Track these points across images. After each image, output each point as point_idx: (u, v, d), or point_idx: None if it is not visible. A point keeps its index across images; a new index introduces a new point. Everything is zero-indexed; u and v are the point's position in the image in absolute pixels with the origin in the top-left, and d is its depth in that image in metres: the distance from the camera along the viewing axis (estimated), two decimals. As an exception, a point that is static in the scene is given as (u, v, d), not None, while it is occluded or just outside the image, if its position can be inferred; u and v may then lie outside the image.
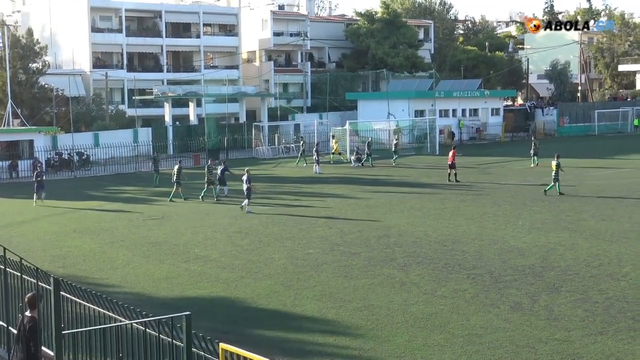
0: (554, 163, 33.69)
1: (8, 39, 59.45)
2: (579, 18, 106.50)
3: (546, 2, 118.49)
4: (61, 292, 10.15)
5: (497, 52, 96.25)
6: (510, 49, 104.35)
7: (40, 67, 63.69)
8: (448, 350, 14.01)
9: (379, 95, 75.29)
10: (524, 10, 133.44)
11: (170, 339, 9.38)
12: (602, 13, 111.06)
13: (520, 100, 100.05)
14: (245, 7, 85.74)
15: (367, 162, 49.93)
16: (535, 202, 31.79)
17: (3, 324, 13.10)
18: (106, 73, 67.21)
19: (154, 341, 9.61)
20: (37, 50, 63.40)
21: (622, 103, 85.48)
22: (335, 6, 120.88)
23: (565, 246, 22.60)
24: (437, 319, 15.84)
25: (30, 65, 62.83)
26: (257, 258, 22.28)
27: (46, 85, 64.01)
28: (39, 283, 12.14)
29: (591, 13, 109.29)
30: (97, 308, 10.89)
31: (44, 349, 11.24)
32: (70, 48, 74.25)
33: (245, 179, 31.29)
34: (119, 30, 75.31)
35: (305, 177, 44.62)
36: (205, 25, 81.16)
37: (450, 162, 39.68)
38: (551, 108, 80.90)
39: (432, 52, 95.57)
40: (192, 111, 68.66)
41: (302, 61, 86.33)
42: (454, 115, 72.48)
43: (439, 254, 21.97)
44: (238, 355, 8.88)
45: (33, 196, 36.06)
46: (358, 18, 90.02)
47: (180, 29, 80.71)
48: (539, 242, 23.25)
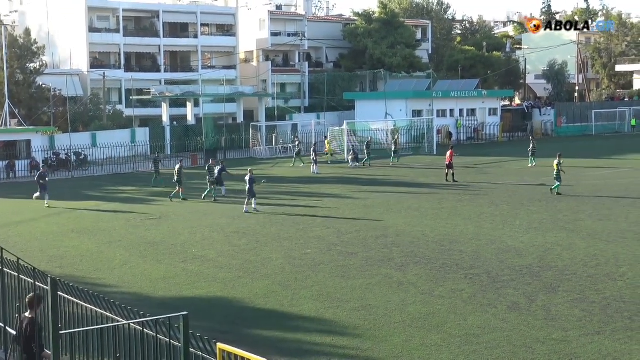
0: (556, 162, 33.69)
1: (5, 39, 59.38)
2: (577, 18, 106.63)
3: (544, 2, 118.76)
4: (58, 292, 10.14)
5: (494, 52, 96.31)
6: (507, 49, 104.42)
7: (38, 67, 63.69)
8: (445, 350, 14.01)
9: (377, 95, 75.34)
10: (522, 11, 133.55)
11: (167, 339, 9.37)
12: (600, 13, 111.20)
13: (517, 101, 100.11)
14: (242, 7, 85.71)
15: (366, 162, 49.98)
16: (532, 202, 31.82)
17: (0, 324, 13.07)
18: (104, 73, 67.17)
19: (152, 341, 9.61)
20: (35, 50, 63.39)
21: (620, 103, 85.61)
22: (333, 6, 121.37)
23: (562, 246, 22.61)
24: (435, 319, 15.85)
25: (27, 65, 62.84)
26: (255, 258, 22.28)
27: (44, 85, 63.98)
28: (37, 283, 12.11)
29: (589, 13, 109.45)
30: (94, 308, 10.88)
31: (45, 350, 11.22)
32: (67, 48, 74.20)
33: (249, 179, 31.30)
34: (117, 30, 75.27)
35: (303, 177, 44.63)
36: (202, 25, 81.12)
37: (447, 162, 39.70)
38: (549, 108, 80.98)
39: (430, 52, 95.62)
40: (189, 111, 68.64)
41: (299, 61, 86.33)
42: (452, 115, 72.55)
43: (437, 254, 21.98)
44: (235, 356, 8.87)
45: (33, 196, 35.99)
46: (356, 18, 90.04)
47: (178, 29, 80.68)
48: (537, 242, 23.27)
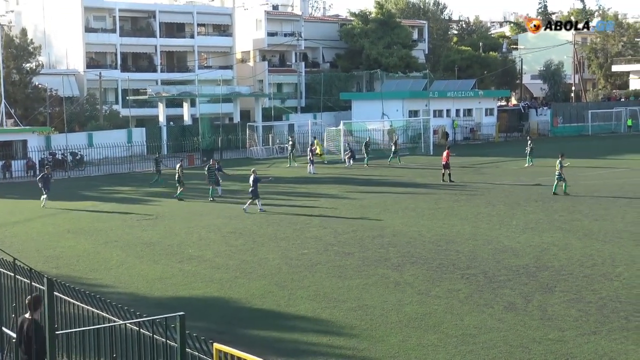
0: (558, 162, 33.66)
1: (2, 39, 59.32)
2: (573, 18, 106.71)
3: (540, 3, 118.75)
4: (55, 293, 10.13)
5: (491, 53, 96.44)
6: (504, 49, 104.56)
7: (34, 67, 63.62)
8: (442, 350, 14.02)
9: (373, 96, 75.35)
10: (518, 11, 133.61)
11: (164, 339, 9.37)
12: (596, 14, 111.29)
13: (514, 101, 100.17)
14: (239, 7, 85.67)
15: (365, 162, 49.82)
16: (529, 202, 31.84)
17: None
18: (100, 73, 67.09)
19: (148, 341, 9.60)
20: (31, 50, 63.32)
21: (616, 103, 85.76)
22: (330, 6, 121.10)
23: (558, 246, 22.64)
24: (431, 319, 15.86)
25: (23, 65, 62.77)
26: (251, 258, 22.27)
27: (40, 85, 63.92)
28: (33, 283, 12.10)
29: (585, 13, 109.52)
30: (90, 308, 10.87)
31: None
32: (64, 48, 74.13)
33: (252, 179, 31.30)
34: (113, 30, 75.18)
35: (299, 178, 44.62)
36: (199, 25, 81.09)
37: (444, 162, 39.72)
38: (545, 108, 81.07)
39: (426, 52, 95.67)
40: (186, 111, 68.60)
41: (296, 61, 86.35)
42: (448, 115, 72.61)
43: (433, 254, 21.99)
44: (232, 356, 8.87)
45: (43, 202, 34.61)
46: (352, 18, 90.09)
47: (174, 29, 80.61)
48: (533, 242, 23.29)
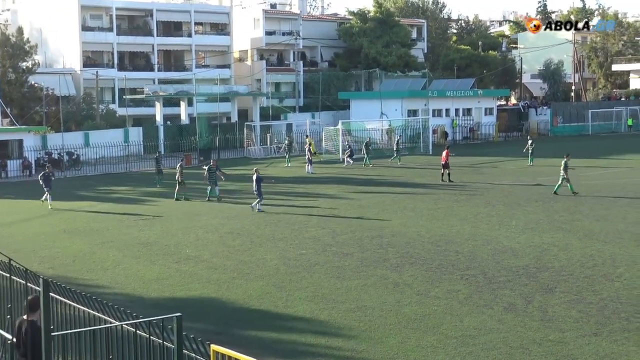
0: (563, 162, 33.60)
1: (-3, 38, 59.34)
2: (572, 17, 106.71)
3: (539, 2, 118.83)
4: (50, 294, 10.10)
5: (490, 52, 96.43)
6: (503, 49, 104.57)
7: (30, 66, 63.55)
8: (441, 351, 14.00)
9: (372, 95, 75.33)
10: (517, 10, 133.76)
11: (161, 341, 9.34)
12: (596, 13, 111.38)
13: (513, 100, 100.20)
14: (237, 6, 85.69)
15: (365, 162, 49.70)
16: (529, 202, 31.83)
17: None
18: (97, 72, 67.04)
19: (145, 343, 9.57)
20: (27, 49, 63.28)
21: (616, 103, 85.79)
22: (328, 5, 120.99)
23: (559, 247, 22.62)
24: (431, 320, 15.83)
25: (20, 64, 62.71)
26: (249, 259, 22.24)
27: (36, 85, 63.86)
28: (28, 284, 12.08)
29: (585, 12, 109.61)
30: (86, 309, 10.84)
31: None
32: (60, 47, 74.07)
33: (255, 178, 31.28)
34: (110, 29, 75.12)
35: (298, 177, 44.60)
36: (196, 24, 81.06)
37: (443, 162, 39.72)
38: (545, 108, 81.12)
39: (425, 51, 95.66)
40: (183, 111, 68.56)
41: (294, 60, 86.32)
42: (447, 115, 72.58)
43: (432, 255, 21.96)
44: (229, 357, 8.85)
45: (43, 197, 34.62)
46: (350, 17, 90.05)
47: (172, 28, 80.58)
48: (533, 243, 23.27)
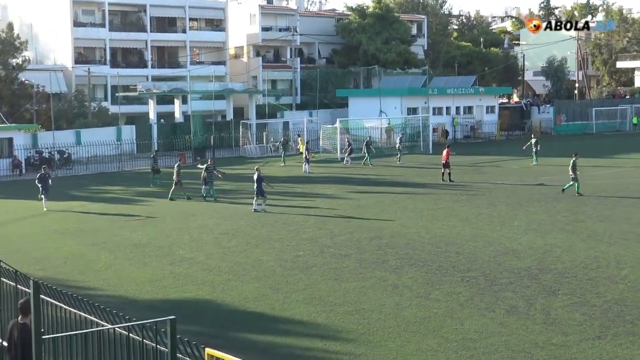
0: (571, 161, 33.61)
1: (-13, 34, 59.26)
2: (576, 13, 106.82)
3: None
4: (41, 296, 10.08)
5: (492, 48, 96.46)
6: (505, 45, 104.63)
7: (21, 63, 63.43)
8: (442, 355, 14.00)
9: (371, 92, 75.31)
10: (520, 6, 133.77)
11: (154, 344, 9.33)
12: (600, 8, 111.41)
13: (515, 98, 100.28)
14: (232, 1, 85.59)
15: (366, 162, 49.61)
16: (531, 202, 31.85)
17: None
18: (88, 69, 66.93)
19: (138, 346, 9.56)
20: (17, 45, 63.16)
21: (621, 101, 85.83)
22: (326, 0, 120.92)
23: (562, 248, 22.64)
24: (431, 323, 15.84)
25: (10, 60, 62.61)
26: (245, 260, 22.24)
27: (26, 82, 63.74)
28: (18, 286, 12.07)
29: (589, 8, 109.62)
30: (78, 312, 10.83)
31: None
32: (51, 43, 73.94)
33: (256, 177, 31.32)
34: (102, 25, 74.97)
35: (295, 177, 44.58)
36: (191, 19, 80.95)
37: (444, 161, 39.73)
38: (548, 106, 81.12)
39: (425, 48, 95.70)
40: (177, 108, 68.48)
41: (291, 57, 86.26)
42: (448, 113, 72.54)
43: (433, 256, 21.97)
44: (224, 361, 8.84)
45: (39, 198, 34.07)
46: (349, 13, 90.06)
47: (166, 24, 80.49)
48: (535, 244, 23.28)
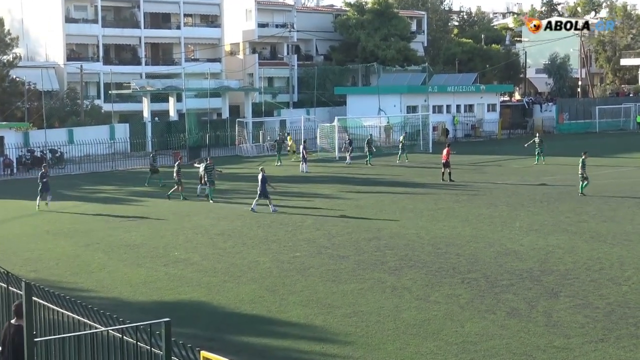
0: (580, 160, 33.64)
1: (-23, 30, 59.22)
2: (579, 9, 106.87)
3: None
4: (33, 298, 10.10)
5: (493, 45, 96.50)
6: (507, 42, 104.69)
7: (11, 60, 63.39)
8: (441, 358, 14.04)
9: (369, 90, 75.34)
10: (522, 1, 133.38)
11: (148, 347, 9.35)
12: (604, 4, 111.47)
13: (517, 96, 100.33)
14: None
15: (367, 161, 49.51)
16: (533, 202, 31.90)
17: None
18: (81, 66, 66.87)
19: (132, 349, 9.58)
20: (8, 41, 63.13)
21: (625, 99, 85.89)
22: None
23: (564, 249, 22.68)
24: (430, 325, 15.87)
25: (0, 57, 62.55)
26: (241, 261, 22.26)
27: (17, 79, 63.70)
28: (10, 288, 12.09)
29: (592, 4, 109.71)
30: (71, 314, 10.84)
31: None
32: (42, 39, 73.90)
33: (261, 178, 31.38)
34: (95, 21, 74.94)
35: (292, 176, 44.58)
36: (186, 15, 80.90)
37: (444, 161, 39.76)
38: (550, 104, 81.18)
39: (425, 44, 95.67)
40: (172, 106, 68.48)
41: (288, 54, 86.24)
42: (448, 111, 72.61)
43: (432, 257, 22.01)
44: (220, 364, 8.87)
45: (36, 199, 33.71)
46: (347, 8, 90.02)
47: (160, 20, 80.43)
48: (537, 245, 23.32)
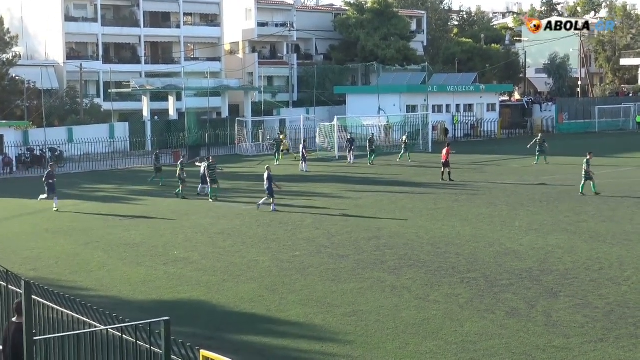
0: (585, 160, 33.62)
1: (-24, 28, 59.18)
2: (579, 9, 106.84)
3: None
4: (33, 296, 10.10)
5: (493, 45, 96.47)
6: (507, 42, 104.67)
7: (11, 58, 63.36)
8: (441, 358, 14.04)
9: (369, 90, 75.32)
10: (522, 1, 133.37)
11: (148, 346, 9.35)
12: (603, 4, 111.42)
13: (517, 96, 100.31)
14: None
15: (370, 160, 49.44)
16: (532, 202, 31.89)
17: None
18: (81, 65, 66.85)
19: (131, 348, 9.58)
20: (8, 40, 63.10)
21: (624, 99, 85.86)
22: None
23: (564, 249, 22.68)
24: (430, 325, 15.87)
25: (0, 56, 62.52)
26: (240, 260, 22.26)
27: (17, 78, 63.68)
28: (9, 286, 12.09)
29: (592, 4, 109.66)
30: (70, 313, 10.84)
31: None
32: (42, 38, 73.90)
33: (267, 176, 31.45)
34: (94, 20, 74.94)
35: (292, 176, 44.54)
36: (185, 14, 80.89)
37: (443, 160, 39.75)
38: (550, 104, 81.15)
39: (425, 44, 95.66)
40: (171, 105, 68.48)
41: (288, 53, 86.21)
42: (448, 110, 72.59)
43: (432, 257, 22.00)
44: (220, 363, 8.87)
45: (53, 201, 33.37)
46: (347, 8, 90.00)
47: (159, 19, 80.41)
48: (537, 245, 23.32)
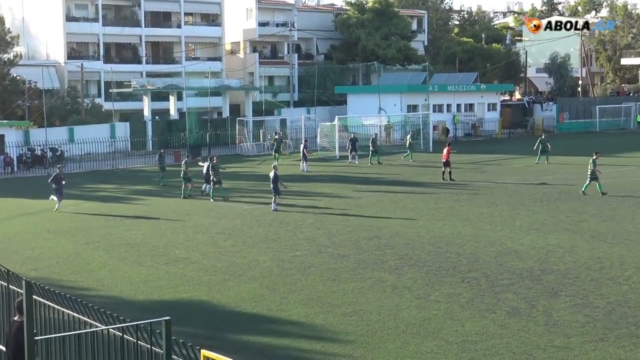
0: (591, 160, 33.63)
1: (-23, 28, 59.20)
2: (580, 9, 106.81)
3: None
4: (34, 296, 10.10)
5: (494, 44, 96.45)
6: (507, 41, 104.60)
7: (12, 58, 63.38)
8: (442, 357, 14.04)
9: (370, 89, 75.31)
10: (522, 0, 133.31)
11: (149, 346, 9.35)
12: (604, 4, 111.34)
13: (518, 95, 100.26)
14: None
15: (372, 160, 49.41)
16: (533, 202, 31.89)
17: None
18: (82, 64, 66.93)
19: (132, 348, 9.58)
20: (9, 40, 63.11)
21: (625, 98, 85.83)
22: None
23: (564, 248, 22.67)
24: (430, 324, 15.87)
25: (1, 55, 62.55)
26: (241, 260, 22.26)
27: (18, 77, 63.70)
28: (10, 286, 12.09)
29: (592, 4, 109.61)
30: (71, 313, 10.84)
31: None
32: (43, 38, 73.92)
33: (272, 176, 31.48)
34: (95, 19, 74.98)
35: (292, 175, 44.51)
36: (186, 14, 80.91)
37: (444, 160, 39.74)
38: (550, 103, 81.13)
39: (426, 43, 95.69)
40: (172, 105, 68.49)
41: (288, 53, 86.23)
42: (449, 110, 72.58)
43: (433, 257, 22.00)
44: (221, 363, 8.87)
45: (50, 198, 33.16)
46: (348, 8, 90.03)
47: (160, 18, 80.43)
48: (538, 244, 23.32)
